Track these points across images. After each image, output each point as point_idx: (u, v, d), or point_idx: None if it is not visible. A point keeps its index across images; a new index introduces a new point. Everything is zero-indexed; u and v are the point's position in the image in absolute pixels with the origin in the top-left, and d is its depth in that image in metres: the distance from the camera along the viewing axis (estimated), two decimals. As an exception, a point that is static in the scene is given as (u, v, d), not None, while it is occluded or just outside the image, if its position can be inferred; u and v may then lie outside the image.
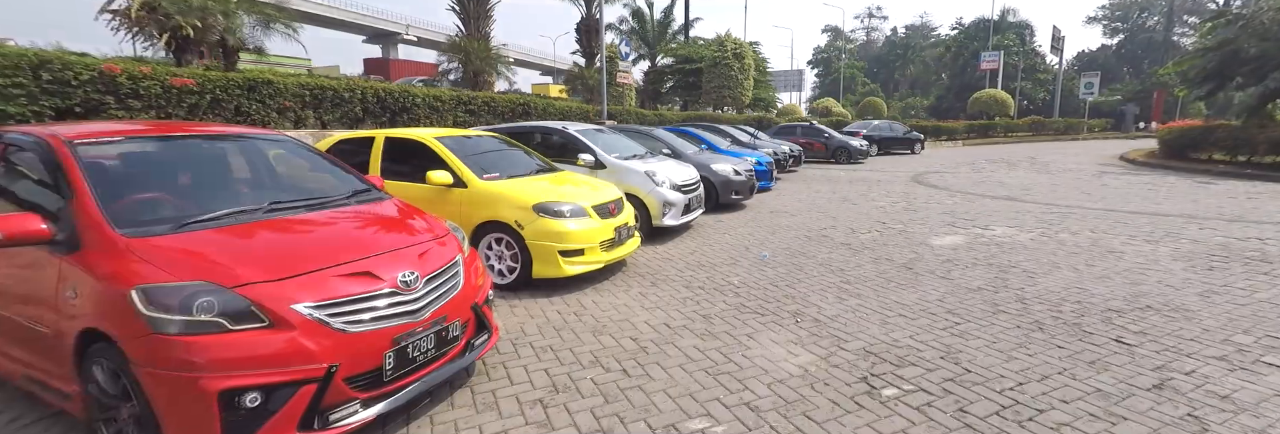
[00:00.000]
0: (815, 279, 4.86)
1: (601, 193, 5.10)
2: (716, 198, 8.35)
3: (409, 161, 5.01)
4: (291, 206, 2.78)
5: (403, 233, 2.87)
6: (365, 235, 2.72)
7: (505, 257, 4.59)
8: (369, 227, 2.83)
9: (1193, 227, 7.05)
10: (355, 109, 9.32)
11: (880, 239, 6.48)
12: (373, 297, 2.34)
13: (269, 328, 2.09)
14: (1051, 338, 3.50)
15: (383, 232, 2.82)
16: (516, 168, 5.21)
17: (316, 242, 2.54)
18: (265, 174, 3.23)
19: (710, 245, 6.24)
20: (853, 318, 3.89)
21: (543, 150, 7.12)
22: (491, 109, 12.58)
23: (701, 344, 3.46)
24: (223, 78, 7.22)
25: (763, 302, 4.26)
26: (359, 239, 2.65)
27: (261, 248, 2.37)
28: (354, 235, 2.68)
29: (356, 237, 2.67)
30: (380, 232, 2.81)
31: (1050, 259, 5.48)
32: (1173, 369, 3.06)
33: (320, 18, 44.00)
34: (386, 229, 2.86)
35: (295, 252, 2.39)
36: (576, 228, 4.50)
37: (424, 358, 2.51)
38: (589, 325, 3.80)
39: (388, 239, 2.71)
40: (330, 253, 2.42)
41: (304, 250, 2.42)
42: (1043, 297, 4.32)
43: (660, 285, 4.72)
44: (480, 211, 4.58)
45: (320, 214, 2.80)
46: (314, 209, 2.83)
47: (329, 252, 2.43)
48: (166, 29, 11.09)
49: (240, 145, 3.26)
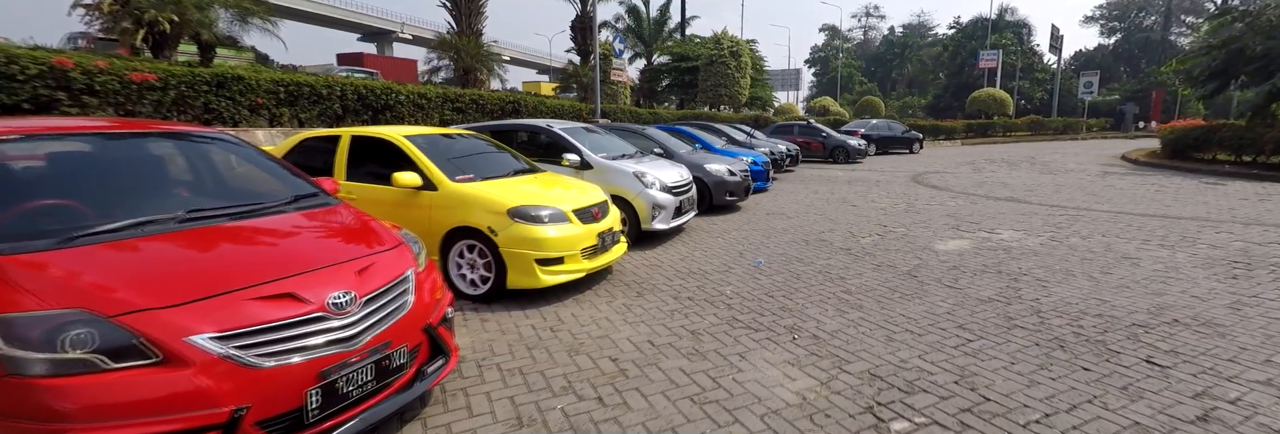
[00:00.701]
0: (813, 289, 4.52)
1: (585, 195, 4.75)
2: (710, 199, 8.00)
3: (377, 162, 4.65)
4: (214, 215, 2.42)
5: (344, 245, 2.51)
6: (296, 249, 2.36)
7: (478, 265, 4.23)
8: (304, 238, 2.48)
9: (1208, 230, 6.73)
10: (334, 107, 8.94)
11: (881, 244, 6.14)
12: (294, 323, 1.98)
13: (159, 365, 1.74)
14: (1075, 358, 3.16)
15: (319, 244, 2.46)
16: (493, 169, 4.85)
17: (233, 258, 2.18)
18: (192, 177, 2.87)
19: (702, 251, 5.89)
20: (855, 334, 3.55)
21: (528, 150, 6.77)
22: (480, 107, 12.21)
23: (688, 366, 3.11)
24: (188, 73, 6.83)
25: (757, 315, 3.92)
26: (287, 254, 2.29)
27: (160, 266, 2.00)
28: (282, 249, 2.33)
29: (285, 251, 2.32)
30: (316, 244, 2.46)
31: (1063, 266, 5.14)
32: (1215, 396, 2.72)
33: (313, 16, 43.55)
34: (325, 241, 2.51)
35: (202, 270, 2.03)
36: (555, 234, 4.15)
37: (360, 392, 2.16)
38: (565, 343, 3.45)
39: (323, 253, 2.35)
40: (247, 271, 2.06)
41: (214, 269, 2.06)
42: (1060, 309, 3.98)
43: (647, 296, 4.37)
44: (451, 216, 4.22)
45: (248, 224, 2.44)
46: (241, 218, 2.47)
47: (246, 270, 2.07)
48: (142, 24, 10.74)
49: (168, 144, 2.90)
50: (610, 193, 5.89)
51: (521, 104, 13.51)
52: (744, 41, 27.64)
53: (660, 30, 33.31)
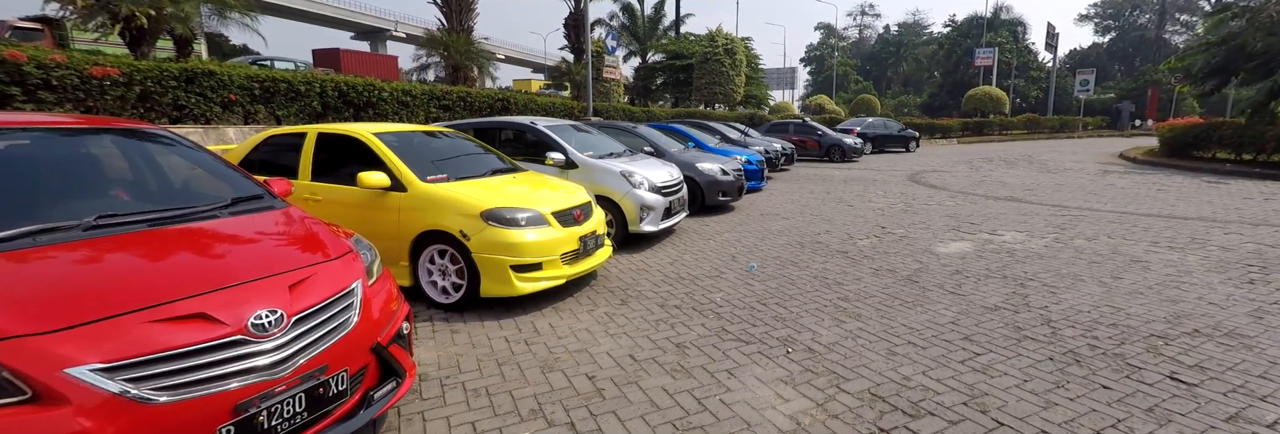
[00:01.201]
0: (809, 295, 4.26)
1: (567, 196, 4.47)
2: (702, 199, 7.74)
3: (344, 161, 4.36)
4: (130, 221, 2.12)
5: (280, 254, 2.23)
6: (220, 261, 2.07)
7: (450, 272, 3.95)
8: (232, 248, 2.19)
9: (1216, 231, 6.50)
10: (313, 103, 8.62)
11: (880, 246, 5.89)
12: (203, 349, 1.70)
13: (29, 403, 1.46)
14: (1093, 374, 2.90)
15: (249, 254, 2.18)
16: (470, 168, 4.57)
17: (138, 272, 1.89)
18: (115, 178, 2.57)
19: (692, 254, 5.62)
20: (853, 347, 3.29)
21: (513, 149, 6.50)
22: (468, 105, 11.91)
23: (672, 384, 2.84)
24: (155, 67, 6.51)
25: (748, 325, 3.65)
26: (207, 266, 2.00)
27: (45, 283, 1.72)
28: (202, 261, 2.04)
29: (205, 263, 2.03)
30: (246, 254, 2.17)
31: (1070, 270, 4.90)
32: (1251, 420, 2.47)
33: (306, 14, 43.03)
34: (257, 250, 2.22)
35: (97, 288, 1.74)
36: (533, 238, 3.87)
37: (288, 426, 1.88)
38: (539, 358, 3.17)
39: (252, 264, 2.07)
40: (152, 288, 1.78)
41: (112, 285, 1.77)
42: (1071, 318, 3.73)
43: (631, 304, 4.10)
44: (420, 219, 3.93)
45: (168, 232, 2.15)
46: (163, 224, 2.18)
47: (151, 286, 1.79)
48: (118, 18, 10.40)
49: (90, 141, 2.60)
50: (596, 193, 5.63)
51: (511, 102, 13.22)
52: (739, 39, 27.39)
53: (655, 28, 33.04)
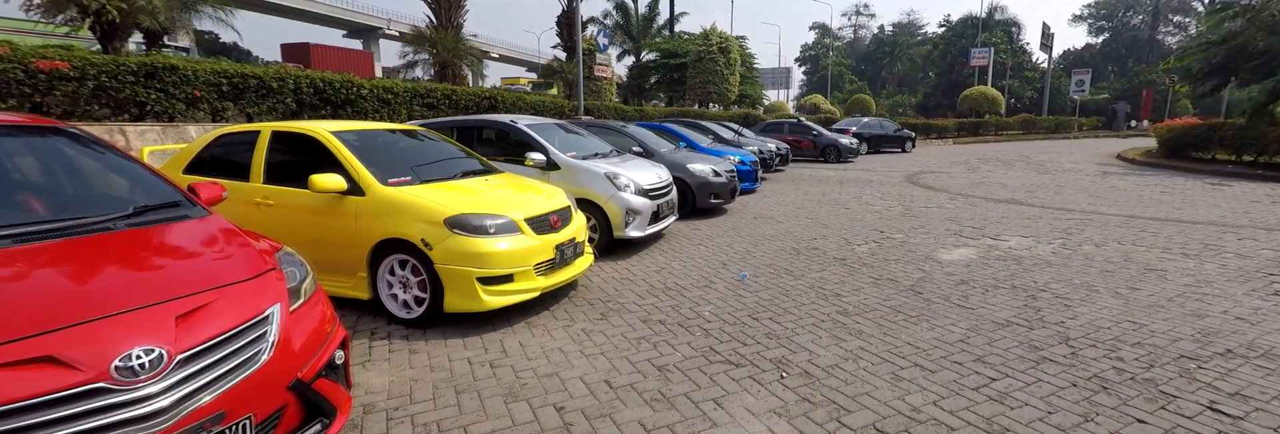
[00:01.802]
0: (805, 309, 3.93)
1: (544, 200, 4.12)
2: (693, 202, 7.40)
3: (300, 162, 3.99)
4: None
5: (175, 277, 1.87)
6: (92, 286, 1.72)
7: (412, 284, 3.60)
8: (112, 270, 1.82)
9: (1229, 237, 6.21)
10: (287, 100, 8.23)
11: (879, 252, 5.57)
12: (47, 403, 1.35)
13: None
14: (1124, 404, 2.58)
15: (134, 277, 1.81)
16: (438, 170, 4.21)
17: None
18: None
19: (681, 261, 5.28)
20: (854, 370, 2.96)
21: (495, 149, 6.16)
22: (453, 103, 11.53)
23: (650, 417, 2.50)
24: (110, 61, 6.11)
25: (738, 344, 3.32)
26: (72, 295, 1.64)
27: None
28: (66, 288, 1.68)
29: (67, 291, 1.67)
30: (129, 278, 1.81)
31: (1083, 280, 4.59)
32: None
33: (297, 11, 42.45)
34: (146, 272, 1.87)
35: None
36: (503, 247, 3.52)
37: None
38: (504, 384, 2.83)
39: (132, 290, 1.71)
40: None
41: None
42: (1091, 335, 3.41)
43: (611, 318, 3.76)
44: (379, 226, 3.57)
45: (34, 250, 1.79)
46: (30, 241, 1.82)
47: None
48: (88, 12, 9.99)
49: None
50: (579, 196, 5.30)
51: (499, 100, 12.85)
52: (733, 38, 27.06)
53: (649, 26, 32.71)
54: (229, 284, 1.88)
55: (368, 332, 3.53)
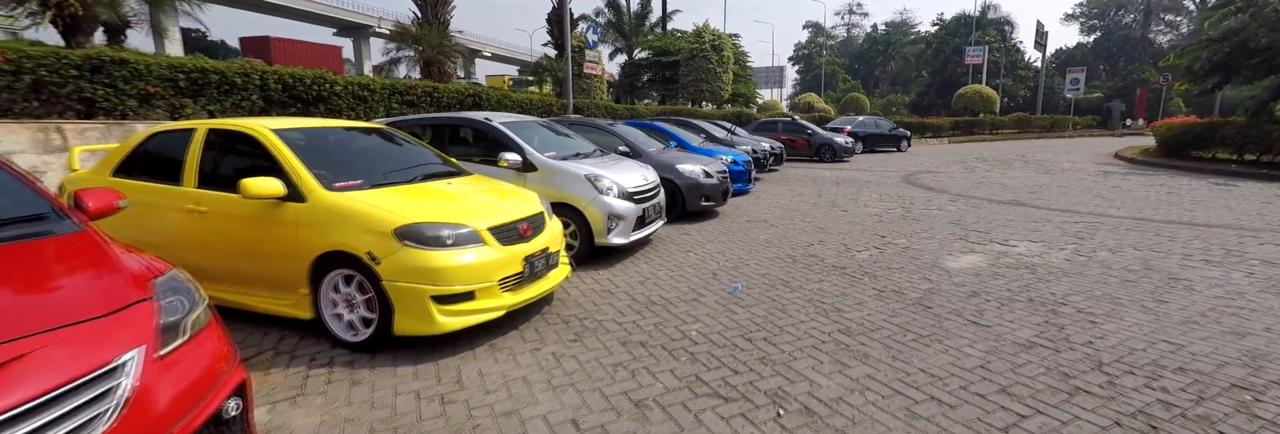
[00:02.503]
0: (803, 327, 3.52)
1: (513, 206, 3.70)
2: (682, 205, 7.00)
3: (237, 163, 3.57)
4: None
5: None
6: None
7: (358, 303, 3.17)
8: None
9: (1250, 241, 5.87)
10: (253, 97, 7.75)
11: (881, 260, 5.18)
12: None
13: None
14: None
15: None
16: (396, 173, 3.78)
17: None
18: None
19: (668, 271, 4.87)
20: (861, 404, 2.56)
21: (468, 149, 5.74)
22: (434, 100, 11.06)
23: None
24: (50, 54, 5.64)
25: (729, 371, 2.91)
26: None
27: None
28: None
29: None
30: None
31: (1104, 291, 4.21)
32: None
33: (286, 9, 41.69)
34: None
35: None
36: (464, 261, 3.10)
37: None
38: (453, 426, 2.41)
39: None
40: None
41: None
42: (1125, 359, 3.02)
43: (586, 340, 3.35)
44: (321, 237, 3.14)
45: None
46: None
47: None
48: (49, 4, 9.47)
49: None
50: (557, 200, 4.89)
51: (483, 97, 12.37)
52: (726, 36, 26.66)
53: (641, 24, 32.21)
54: (66, 325, 1.45)
55: (307, 357, 3.10)
